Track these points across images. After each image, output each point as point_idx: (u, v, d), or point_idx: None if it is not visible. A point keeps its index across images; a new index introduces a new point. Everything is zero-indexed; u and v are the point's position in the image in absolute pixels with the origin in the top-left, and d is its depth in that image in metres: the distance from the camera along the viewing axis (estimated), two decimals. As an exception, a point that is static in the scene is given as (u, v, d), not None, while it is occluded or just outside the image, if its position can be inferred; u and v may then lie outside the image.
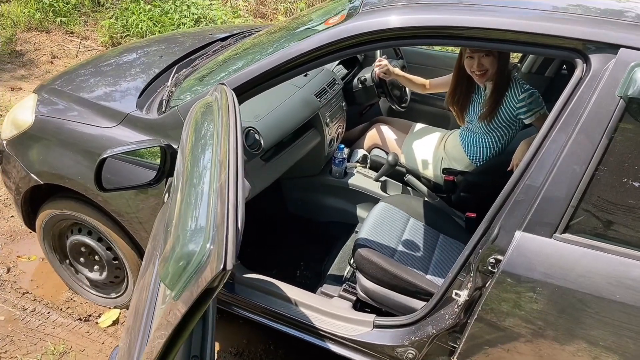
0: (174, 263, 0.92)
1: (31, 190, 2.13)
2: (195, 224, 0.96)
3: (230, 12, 5.25)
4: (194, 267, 0.85)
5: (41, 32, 5.07)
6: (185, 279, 0.86)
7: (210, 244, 0.86)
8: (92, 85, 2.19)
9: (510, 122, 2.14)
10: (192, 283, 0.82)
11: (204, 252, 0.86)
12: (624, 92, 1.21)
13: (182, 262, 0.89)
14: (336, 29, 1.55)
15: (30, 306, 2.36)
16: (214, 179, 0.97)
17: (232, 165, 0.93)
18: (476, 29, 1.41)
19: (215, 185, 0.94)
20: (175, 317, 0.83)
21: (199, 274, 0.83)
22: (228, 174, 0.91)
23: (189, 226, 0.97)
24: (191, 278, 0.84)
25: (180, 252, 0.93)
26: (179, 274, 0.88)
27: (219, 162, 0.99)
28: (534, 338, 1.42)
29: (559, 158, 1.30)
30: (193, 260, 0.87)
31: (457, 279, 1.52)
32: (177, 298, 0.86)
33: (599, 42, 1.27)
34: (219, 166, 0.98)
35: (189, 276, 0.85)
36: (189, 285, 0.84)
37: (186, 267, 0.87)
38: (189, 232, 0.95)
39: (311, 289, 2.03)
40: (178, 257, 0.92)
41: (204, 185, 1.01)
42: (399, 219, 2.08)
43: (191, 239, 0.93)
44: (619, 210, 1.27)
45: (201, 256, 0.86)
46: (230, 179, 0.90)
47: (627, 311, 1.27)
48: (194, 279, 0.83)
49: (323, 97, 2.41)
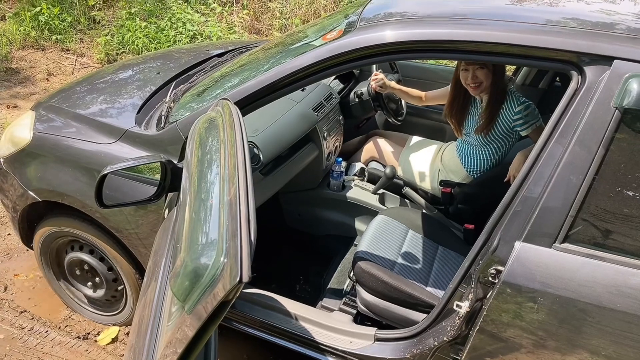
0: (186, 277, 0.92)
1: (28, 207, 2.13)
2: (206, 239, 0.96)
3: (225, 29, 5.29)
4: (207, 280, 0.85)
5: (37, 49, 5.09)
6: (198, 292, 0.85)
7: (224, 257, 0.86)
8: (89, 102, 2.19)
9: (507, 134, 2.17)
10: (207, 296, 0.82)
11: (218, 266, 0.85)
12: (619, 102, 1.23)
13: (194, 276, 0.89)
14: (334, 44, 1.57)
15: (28, 325, 2.34)
16: (223, 193, 0.97)
17: (242, 178, 0.93)
18: (470, 42, 1.43)
19: (225, 199, 0.94)
20: (189, 331, 0.83)
21: (213, 287, 0.82)
22: (238, 187, 0.91)
23: (200, 241, 0.97)
24: (205, 291, 0.84)
25: (192, 266, 0.93)
26: (191, 288, 0.87)
27: (227, 176, 1.00)
28: (535, 348, 1.42)
29: (556, 169, 1.31)
30: (206, 274, 0.87)
31: (458, 290, 1.53)
32: (191, 312, 0.85)
33: (593, 54, 1.29)
34: (227, 180, 0.98)
35: (203, 290, 0.84)
36: (202, 298, 0.83)
37: (199, 281, 0.87)
38: (200, 246, 0.95)
39: (311, 302, 2.02)
40: (190, 272, 0.92)
41: (213, 200, 1.01)
42: (398, 232, 2.08)
43: (203, 253, 0.93)
44: (617, 220, 1.28)
45: (215, 269, 0.85)
46: (241, 193, 0.90)
47: (628, 320, 1.28)
48: (208, 292, 0.82)
49: (320, 111, 2.43)
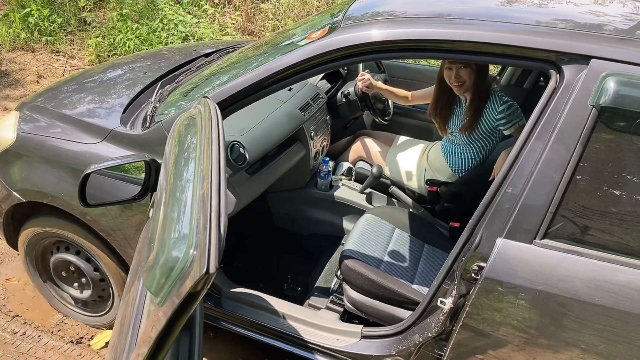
0: (159, 270, 0.92)
1: (13, 208, 2.12)
2: (178, 233, 0.97)
3: (217, 30, 5.28)
4: (177, 272, 0.86)
5: (27, 51, 5.05)
6: (169, 285, 0.86)
7: (193, 250, 0.87)
8: (75, 101, 2.19)
9: (491, 133, 2.19)
10: (176, 288, 0.83)
11: (188, 258, 0.86)
12: (596, 101, 1.25)
13: (166, 269, 0.90)
14: (318, 43, 1.58)
15: (20, 329, 2.32)
16: (196, 189, 0.98)
17: (215, 173, 0.94)
18: (454, 41, 1.45)
19: (198, 194, 0.95)
20: (159, 324, 0.84)
21: (183, 279, 0.83)
22: (210, 181, 0.92)
23: (173, 235, 0.98)
24: (175, 283, 0.85)
25: (165, 258, 0.93)
26: (163, 281, 0.88)
27: (202, 172, 1.01)
28: (517, 342, 1.44)
29: (536, 166, 1.34)
30: (177, 266, 0.88)
31: (442, 287, 1.55)
32: (162, 304, 0.86)
33: (571, 53, 1.32)
34: (201, 176, 0.99)
35: (173, 282, 0.85)
36: (173, 290, 0.84)
37: (170, 274, 0.88)
38: (173, 240, 0.96)
39: (298, 301, 2.03)
40: (162, 264, 0.92)
41: (187, 196, 1.02)
42: (385, 230, 2.10)
43: (175, 246, 0.94)
44: (595, 216, 1.31)
45: (185, 262, 0.86)
46: (213, 187, 0.91)
47: (606, 313, 1.30)
48: (178, 284, 0.83)
49: (307, 111, 2.44)
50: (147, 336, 0.90)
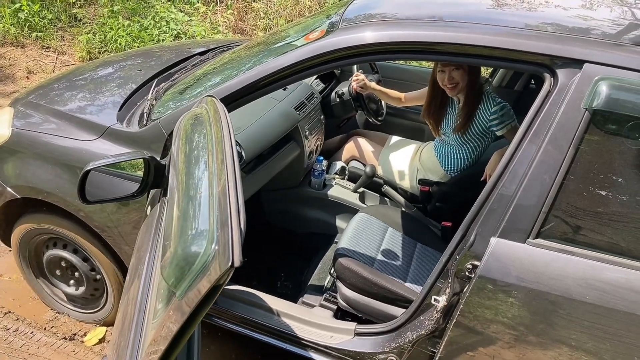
0: (177, 266, 0.94)
1: (7, 204, 2.10)
2: (196, 230, 0.98)
3: (209, 28, 5.27)
4: (198, 267, 0.88)
5: (16, 47, 4.99)
6: (190, 279, 0.88)
7: (215, 245, 0.89)
8: (70, 98, 2.18)
9: (483, 134, 2.22)
10: (199, 281, 0.84)
11: (209, 253, 0.88)
12: (589, 104, 1.28)
13: (185, 264, 0.91)
14: (316, 44, 1.60)
15: (13, 326, 2.30)
16: (212, 187, 0.99)
17: (230, 172, 0.96)
18: (447, 44, 1.48)
19: (214, 192, 0.96)
20: (181, 318, 0.85)
21: (205, 272, 0.85)
22: (227, 179, 0.94)
23: (190, 232, 0.99)
24: (196, 277, 0.86)
25: (183, 254, 0.95)
26: (182, 275, 0.90)
27: (215, 170, 1.02)
28: (510, 340, 1.47)
29: (530, 167, 1.37)
30: (197, 261, 0.89)
31: (436, 285, 1.57)
32: (182, 298, 0.88)
33: (565, 57, 1.35)
34: (216, 175, 1.00)
35: (194, 276, 0.87)
36: (194, 284, 0.86)
37: (190, 268, 0.89)
38: (190, 236, 0.97)
39: (292, 299, 2.04)
40: (181, 260, 0.94)
41: (201, 194, 1.03)
42: (378, 229, 2.12)
43: (193, 242, 0.95)
44: (587, 216, 1.34)
45: (206, 256, 0.88)
46: (230, 185, 0.92)
47: (597, 312, 1.34)
48: (200, 277, 0.85)
49: (302, 110, 2.46)
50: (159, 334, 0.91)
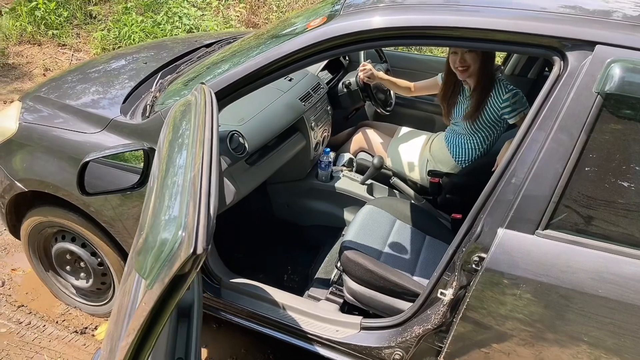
0: (148, 253, 0.91)
1: (15, 198, 2.11)
2: (169, 216, 0.96)
3: (222, 23, 5.26)
4: (166, 254, 0.85)
5: (33, 45, 5.06)
6: (158, 267, 0.85)
7: (182, 231, 0.86)
8: (76, 92, 2.18)
9: (495, 122, 2.16)
10: (165, 270, 0.82)
11: (177, 239, 0.85)
12: (601, 88, 1.22)
13: (155, 251, 0.89)
14: (318, 30, 1.56)
15: (25, 319, 2.33)
16: (188, 173, 0.96)
17: (206, 155, 0.93)
18: (456, 28, 1.43)
19: (189, 176, 0.94)
20: (148, 308, 0.82)
21: (172, 261, 0.82)
22: (202, 164, 0.91)
23: (163, 218, 0.97)
24: (164, 266, 0.83)
25: (154, 241, 0.92)
26: (152, 263, 0.87)
27: (193, 156, 0.99)
28: (518, 334, 1.42)
29: (539, 155, 1.31)
30: (166, 249, 0.86)
31: (442, 278, 1.53)
32: (151, 287, 0.85)
33: (576, 39, 1.28)
34: (193, 159, 0.98)
35: (162, 264, 0.84)
36: (161, 272, 0.83)
37: (159, 256, 0.86)
38: (163, 222, 0.95)
39: (298, 292, 2.02)
40: (152, 247, 0.91)
41: (178, 180, 1.01)
42: (385, 221, 2.08)
43: (165, 229, 0.92)
44: (599, 206, 1.28)
45: (173, 243, 0.85)
46: (204, 169, 0.90)
47: (610, 306, 1.28)
48: (167, 266, 0.82)
49: (308, 101, 2.42)
50: (135, 324, 0.88)
